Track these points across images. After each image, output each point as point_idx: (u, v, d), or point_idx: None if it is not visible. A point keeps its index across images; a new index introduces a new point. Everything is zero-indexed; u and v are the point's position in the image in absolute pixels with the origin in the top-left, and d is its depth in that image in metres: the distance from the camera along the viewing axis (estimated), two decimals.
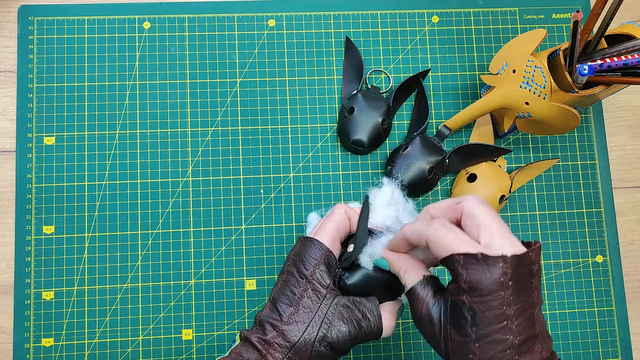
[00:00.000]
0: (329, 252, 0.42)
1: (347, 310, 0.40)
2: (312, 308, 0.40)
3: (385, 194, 0.47)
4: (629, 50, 0.50)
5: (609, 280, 0.60)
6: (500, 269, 0.32)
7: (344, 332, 0.40)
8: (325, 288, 0.41)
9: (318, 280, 0.41)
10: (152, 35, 0.60)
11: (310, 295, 0.40)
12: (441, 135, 0.59)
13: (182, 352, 0.56)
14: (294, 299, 0.40)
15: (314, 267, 0.41)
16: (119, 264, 0.56)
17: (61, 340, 0.55)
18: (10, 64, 0.59)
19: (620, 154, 0.63)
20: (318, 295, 0.40)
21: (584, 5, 0.64)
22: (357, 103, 0.58)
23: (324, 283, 0.41)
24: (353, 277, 0.41)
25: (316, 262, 0.41)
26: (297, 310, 0.40)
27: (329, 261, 0.42)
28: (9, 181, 0.57)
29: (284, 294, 0.41)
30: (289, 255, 0.43)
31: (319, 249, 0.41)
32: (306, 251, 0.42)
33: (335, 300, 0.40)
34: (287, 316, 0.40)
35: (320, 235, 0.42)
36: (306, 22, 0.62)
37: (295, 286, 0.41)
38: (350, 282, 0.41)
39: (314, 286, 0.40)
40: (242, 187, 0.58)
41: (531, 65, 0.51)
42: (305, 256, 0.41)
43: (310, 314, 0.40)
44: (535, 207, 0.60)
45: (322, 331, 0.39)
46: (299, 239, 0.44)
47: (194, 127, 0.59)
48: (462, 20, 0.63)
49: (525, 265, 0.33)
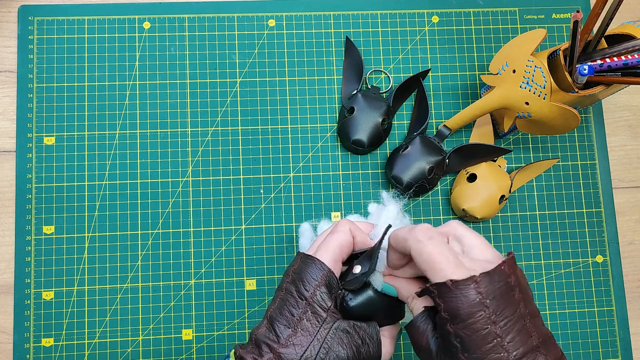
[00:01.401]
0: (330, 273, 0.40)
1: (346, 335, 0.39)
2: (311, 331, 0.38)
3: (391, 214, 0.45)
4: (629, 50, 0.50)
5: (609, 280, 0.60)
6: (474, 290, 0.31)
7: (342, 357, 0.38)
8: (325, 311, 0.39)
9: (318, 302, 0.39)
10: (152, 35, 0.60)
11: (310, 318, 0.39)
12: (441, 135, 0.59)
13: (182, 352, 0.56)
14: (293, 320, 0.39)
15: (315, 289, 0.39)
16: (119, 264, 0.56)
17: (61, 340, 0.55)
18: (10, 64, 0.59)
19: (620, 154, 0.63)
20: (318, 318, 0.39)
21: (584, 5, 0.64)
22: (357, 103, 0.58)
23: (325, 306, 0.39)
24: (357, 299, 0.40)
25: (317, 283, 0.39)
26: (296, 332, 0.38)
27: (330, 282, 0.40)
28: (9, 181, 0.57)
29: (282, 315, 0.39)
30: (287, 271, 0.42)
31: (321, 270, 0.40)
32: (307, 270, 0.40)
33: (336, 325, 0.39)
34: (285, 338, 0.38)
35: (322, 254, 0.41)
36: (306, 22, 0.62)
37: (295, 307, 0.39)
38: (354, 304, 0.40)
39: (314, 309, 0.39)
40: (242, 187, 0.59)
41: (531, 65, 0.51)
42: (305, 276, 0.40)
43: (309, 337, 0.38)
44: (535, 207, 0.60)
45: (320, 356, 0.38)
46: (298, 255, 0.42)
47: (194, 127, 0.59)
48: (462, 20, 0.63)
49: (499, 280, 0.32)
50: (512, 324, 0.32)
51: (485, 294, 0.31)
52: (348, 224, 0.43)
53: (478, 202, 0.56)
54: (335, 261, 0.41)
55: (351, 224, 0.43)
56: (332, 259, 0.40)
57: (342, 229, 0.42)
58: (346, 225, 0.42)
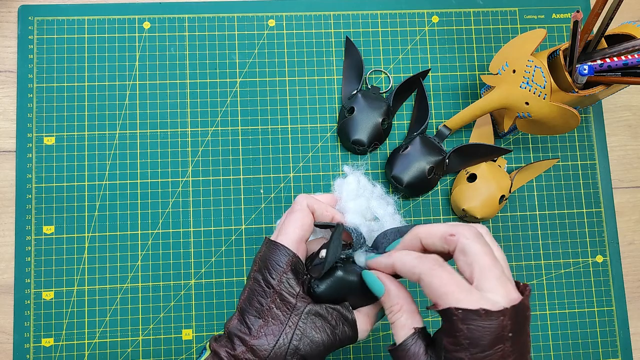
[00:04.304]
0: (295, 258, 0.39)
1: (319, 318, 0.38)
2: (282, 319, 0.37)
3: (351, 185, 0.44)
4: (629, 50, 0.50)
5: (609, 280, 0.60)
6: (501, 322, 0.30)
7: (317, 342, 0.37)
8: (294, 297, 0.38)
9: (286, 289, 0.38)
10: (152, 35, 0.60)
11: (279, 306, 0.38)
12: (441, 135, 0.59)
13: (182, 352, 0.56)
14: (262, 310, 0.38)
15: (281, 275, 0.38)
16: (119, 264, 0.56)
17: (61, 340, 0.55)
18: (10, 64, 0.59)
19: (620, 154, 0.63)
20: (287, 305, 0.38)
21: (584, 5, 0.64)
22: (357, 103, 0.58)
23: (293, 292, 0.38)
24: (323, 284, 0.39)
25: (282, 269, 0.38)
26: (267, 322, 0.37)
27: (297, 267, 0.39)
28: (9, 181, 0.57)
29: (251, 305, 0.38)
30: (255, 259, 0.40)
31: (285, 255, 0.39)
32: (271, 257, 0.39)
33: (307, 309, 0.38)
34: (256, 329, 0.37)
35: (283, 238, 0.39)
36: (306, 22, 0.62)
37: (263, 296, 0.38)
38: (320, 290, 0.39)
39: (282, 296, 0.38)
40: (242, 187, 0.58)
41: (531, 65, 0.51)
42: (270, 263, 0.39)
43: (281, 325, 0.37)
44: (535, 207, 0.60)
45: (293, 343, 0.37)
46: (264, 241, 0.41)
47: (194, 127, 0.59)
48: (462, 20, 0.63)
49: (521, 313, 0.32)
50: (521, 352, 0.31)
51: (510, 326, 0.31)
52: (305, 199, 0.41)
53: (478, 202, 0.56)
54: (298, 242, 0.39)
55: (308, 198, 0.41)
56: (294, 240, 0.39)
57: (299, 207, 0.40)
58: (303, 201, 0.41)
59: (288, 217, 0.41)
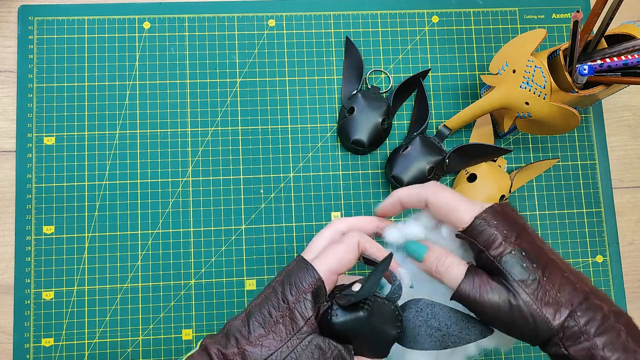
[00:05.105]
0: (320, 282, 0.38)
1: (319, 351, 0.37)
2: (283, 337, 0.37)
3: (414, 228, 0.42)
4: (629, 50, 0.50)
5: (609, 280, 0.60)
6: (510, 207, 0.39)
7: None
8: (304, 320, 0.37)
9: (300, 310, 0.37)
10: (152, 35, 0.60)
11: (287, 323, 0.37)
12: (441, 135, 0.59)
13: (182, 352, 0.56)
14: (269, 321, 0.37)
15: (300, 294, 0.37)
16: (119, 264, 0.56)
17: (61, 340, 0.55)
18: (10, 64, 0.59)
19: (620, 154, 0.63)
20: (294, 326, 0.37)
21: (584, 5, 0.64)
22: (357, 103, 0.58)
23: (305, 314, 0.37)
24: (343, 316, 0.37)
25: (304, 289, 0.38)
26: (268, 334, 0.37)
27: (318, 292, 0.38)
28: (9, 181, 0.57)
29: (260, 312, 0.38)
30: (281, 270, 0.40)
31: (312, 276, 0.38)
32: (297, 274, 0.38)
33: (310, 337, 0.37)
34: (256, 336, 0.37)
35: (318, 262, 0.39)
36: (306, 22, 0.62)
37: (275, 308, 0.37)
38: (337, 321, 0.37)
39: (293, 315, 0.37)
40: (242, 187, 0.58)
41: (531, 65, 0.51)
42: (294, 279, 0.38)
43: (279, 343, 0.36)
44: (535, 207, 0.60)
45: None
46: (297, 257, 0.40)
47: (194, 127, 0.59)
48: (462, 20, 0.63)
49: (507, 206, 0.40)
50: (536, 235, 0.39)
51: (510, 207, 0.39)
52: (358, 237, 0.40)
53: None
54: (330, 272, 0.39)
55: (361, 237, 0.40)
56: (328, 269, 0.39)
57: (349, 241, 0.40)
58: (355, 238, 0.40)
59: (334, 246, 0.40)
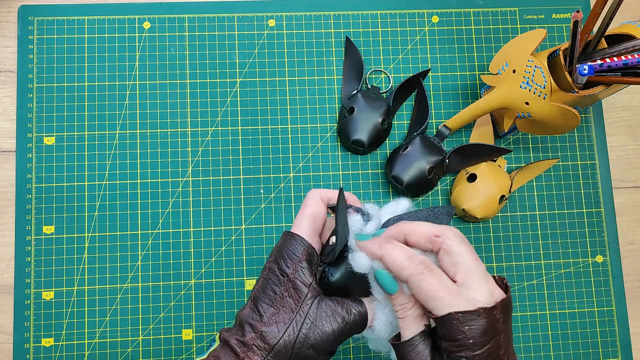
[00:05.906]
0: (310, 248, 0.40)
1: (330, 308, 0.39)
2: (293, 308, 0.38)
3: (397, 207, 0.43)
4: (629, 50, 0.50)
5: (609, 280, 0.60)
6: (495, 317, 0.32)
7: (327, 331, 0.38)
8: (307, 287, 0.39)
9: (300, 278, 0.39)
10: (152, 35, 0.60)
11: (292, 295, 0.38)
12: (441, 135, 0.59)
13: (182, 352, 0.56)
14: (276, 298, 0.39)
15: (296, 264, 0.39)
16: (119, 264, 0.56)
17: (61, 340, 0.55)
18: (10, 64, 0.59)
19: (620, 154, 0.63)
20: (300, 294, 0.38)
21: (584, 5, 0.64)
22: (357, 103, 0.58)
23: (307, 281, 0.39)
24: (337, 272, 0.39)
25: (298, 258, 0.39)
26: (278, 310, 0.38)
27: (311, 258, 0.40)
28: (9, 181, 0.57)
29: (265, 293, 0.39)
30: (271, 252, 0.41)
31: (301, 245, 0.40)
32: (287, 247, 0.40)
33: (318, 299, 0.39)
34: (268, 317, 0.38)
35: (297, 230, 0.40)
36: (306, 22, 0.62)
37: (277, 285, 0.39)
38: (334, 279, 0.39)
39: (295, 285, 0.39)
40: (242, 187, 0.58)
41: (531, 65, 0.51)
42: (286, 252, 0.40)
43: (292, 314, 0.38)
44: (535, 207, 0.60)
45: (302, 332, 0.38)
46: (283, 233, 0.42)
47: (194, 127, 0.59)
48: (462, 20, 0.63)
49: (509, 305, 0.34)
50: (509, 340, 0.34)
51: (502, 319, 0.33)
52: (317, 193, 0.42)
53: (478, 202, 0.56)
54: (311, 234, 0.40)
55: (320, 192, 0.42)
56: (308, 232, 0.40)
57: (311, 201, 0.42)
58: (315, 194, 0.42)
59: (301, 211, 0.42)
